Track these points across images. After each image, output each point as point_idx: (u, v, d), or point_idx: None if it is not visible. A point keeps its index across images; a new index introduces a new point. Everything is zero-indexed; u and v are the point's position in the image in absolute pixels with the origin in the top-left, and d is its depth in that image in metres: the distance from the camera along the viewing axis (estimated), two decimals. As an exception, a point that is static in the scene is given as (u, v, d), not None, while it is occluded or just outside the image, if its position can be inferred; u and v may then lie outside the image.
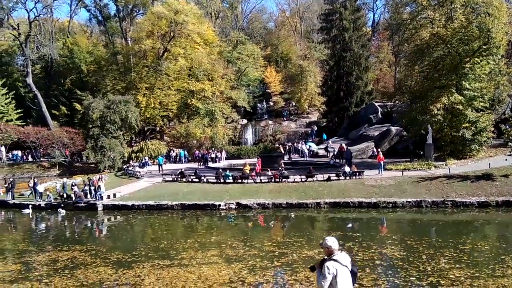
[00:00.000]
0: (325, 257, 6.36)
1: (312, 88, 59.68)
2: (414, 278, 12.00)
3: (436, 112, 31.60)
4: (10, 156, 59.77)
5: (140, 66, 55.23)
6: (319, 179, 28.05)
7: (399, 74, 59.39)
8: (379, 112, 48.63)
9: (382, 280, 11.95)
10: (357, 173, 28.31)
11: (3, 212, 28.71)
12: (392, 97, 50.01)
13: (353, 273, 6.33)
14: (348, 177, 27.96)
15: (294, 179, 28.57)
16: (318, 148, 47.19)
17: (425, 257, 14.03)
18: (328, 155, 42.24)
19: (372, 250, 15.06)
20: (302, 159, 43.83)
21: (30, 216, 26.31)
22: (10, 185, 30.83)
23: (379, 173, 29.05)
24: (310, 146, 47.42)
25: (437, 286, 11.41)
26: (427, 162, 30.45)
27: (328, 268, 6.06)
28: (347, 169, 28.81)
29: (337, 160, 37.91)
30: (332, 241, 6.31)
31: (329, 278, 6.04)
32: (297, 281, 12.08)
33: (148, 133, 58.02)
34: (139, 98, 51.29)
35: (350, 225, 20.52)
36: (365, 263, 13.62)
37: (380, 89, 64.10)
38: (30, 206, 27.56)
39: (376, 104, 50.84)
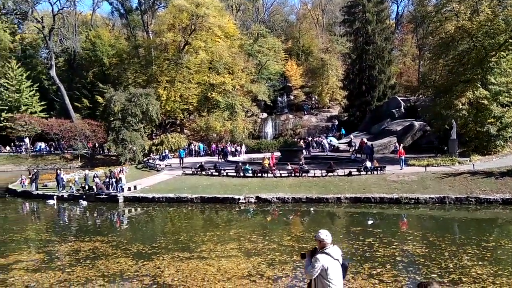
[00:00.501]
0: (317, 248, 6.38)
1: (333, 82, 59.16)
2: (436, 275, 11.75)
3: (460, 107, 30.90)
4: (34, 147, 60.89)
5: (161, 59, 55.54)
6: (339, 174, 27.75)
7: (423, 67, 58.28)
8: (402, 107, 47.86)
9: (402, 277, 11.74)
10: (379, 168, 27.92)
11: (27, 203, 29.25)
12: (415, 91, 49.14)
13: (344, 267, 6.39)
14: (369, 172, 27.60)
15: (314, 174, 28.34)
16: (339, 143, 46.77)
17: (447, 254, 13.73)
18: (350, 150, 41.85)
19: (393, 246, 14.82)
20: (322, 153, 43.50)
21: (55, 207, 26.73)
22: (34, 176, 31.43)
23: (400, 168, 28.66)
24: (331, 141, 47.04)
25: (459, 283, 11.14)
26: (451, 158, 29.80)
27: (318, 260, 6.09)
28: (368, 164, 28.43)
29: (359, 155, 37.50)
30: (325, 234, 6.31)
31: (317, 269, 6.07)
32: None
33: (168, 126, 58.41)
34: (160, 91, 51.64)
35: (371, 220, 20.25)
36: (386, 259, 13.40)
37: (403, 83, 63.07)
38: (55, 196, 28.02)
39: (399, 98, 50.03)
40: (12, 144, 62.00)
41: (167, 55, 55.58)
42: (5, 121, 61.66)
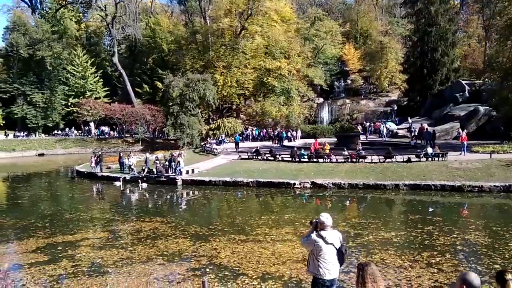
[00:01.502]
0: (318, 227, 6.70)
1: (393, 66, 57.36)
2: (498, 266, 11.21)
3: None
4: (99, 131, 63.93)
5: (218, 44, 56.09)
6: (398, 160, 27.02)
7: (489, 50, 55.10)
8: (466, 91, 45.63)
9: (463, 266, 11.31)
10: (440, 155, 26.90)
11: (92, 184, 30.82)
12: (481, 74, 46.70)
13: (340, 252, 6.53)
14: (430, 159, 26.66)
15: (371, 160, 27.77)
16: (398, 128, 45.44)
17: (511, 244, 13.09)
18: (409, 136, 40.59)
19: (454, 235, 14.29)
20: (380, 139, 42.50)
21: (121, 189, 27.96)
22: (98, 158, 33.03)
23: (461, 153, 27.50)
24: (389, 126, 45.80)
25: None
26: (518, 145, 28.23)
27: (310, 238, 6.56)
28: (429, 150, 27.44)
29: (418, 141, 36.29)
30: (325, 217, 6.62)
31: (309, 244, 6.58)
32: (372, 263, 11.76)
33: (224, 111, 59.16)
34: (217, 77, 52.29)
35: (431, 208, 19.61)
36: (446, 248, 12.96)
37: (467, 66, 60.03)
38: (121, 178, 29.30)
39: (463, 82, 47.71)
40: (78, 128, 65.53)
41: (223, 40, 56.04)
42: (72, 106, 65.24)
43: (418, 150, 28.60)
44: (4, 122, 64.29)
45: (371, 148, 33.67)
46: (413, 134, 39.91)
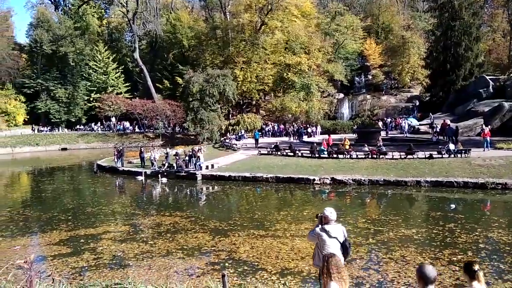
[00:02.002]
0: (322, 221, 6.85)
1: (415, 61, 56.51)
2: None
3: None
4: (120, 126, 64.74)
5: (238, 40, 56.09)
6: (420, 157, 26.64)
7: (514, 44, 53.84)
8: (491, 86, 44.61)
9: (485, 264, 11.11)
10: (463, 151, 26.42)
11: (114, 178, 31.25)
12: (505, 69, 45.68)
13: (344, 246, 6.63)
14: (452, 155, 26.22)
15: (392, 156, 27.46)
16: (419, 124, 44.80)
17: (537, 244, 12.80)
18: (431, 132, 40.01)
19: (476, 233, 14.05)
20: (401, 135, 41.97)
21: (143, 183, 28.28)
22: (120, 153, 33.46)
23: (484, 150, 27.01)
24: (410, 122, 45.18)
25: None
26: (545, 142, 27.53)
27: (314, 231, 6.76)
28: (451, 146, 26.98)
29: (441, 137, 35.73)
30: (329, 212, 6.75)
31: (313, 238, 6.78)
32: (392, 260, 11.69)
33: (244, 106, 59.24)
34: (236, 72, 52.34)
35: (452, 205, 19.30)
36: (468, 245, 12.77)
37: (492, 61, 58.69)
38: (143, 173, 29.63)
39: (487, 77, 46.65)
40: (100, 123, 66.52)
41: (243, 36, 56.03)
42: (94, 101, 66.22)
43: (440, 147, 28.14)
44: (28, 117, 65.64)
45: (392, 144, 33.26)
46: (435, 130, 39.27)
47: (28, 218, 18.84)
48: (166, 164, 29.77)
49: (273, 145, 33.70)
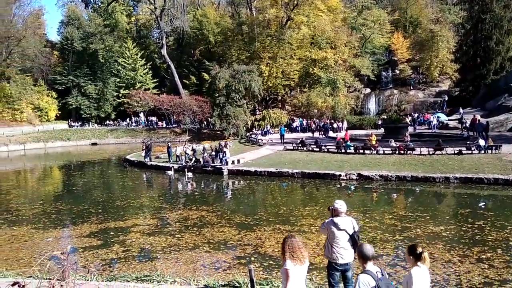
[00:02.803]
0: (332, 214, 7.04)
1: (444, 55, 55.35)
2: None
3: None
4: (148, 122, 65.76)
5: (264, 35, 56.09)
6: (448, 152, 26.20)
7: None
8: (523, 80, 43.39)
9: (517, 263, 10.92)
10: (493, 147, 25.84)
11: (141, 172, 31.83)
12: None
13: (353, 239, 6.72)
14: (482, 151, 25.68)
15: (420, 152, 27.10)
16: (448, 119, 43.94)
17: None
18: (460, 127, 39.21)
19: (507, 231, 13.75)
20: (429, 130, 41.28)
21: (172, 177, 28.70)
22: (147, 148, 34.02)
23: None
24: (439, 117, 44.36)
25: None
26: None
27: (325, 223, 6.99)
28: (481, 142, 26.42)
29: (471, 133, 34.99)
30: (339, 204, 6.92)
31: (324, 230, 7.02)
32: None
33: (270, 102, 59.27)
34: (262, 68, 52.40)
35: (482, 202, 18.94)
36: (498, 243, 12.52)
37: (524, 54, 56.93)
38: (173, 168, 30.08)
39: (519, 71, 45.39)
40: (128, 118, 67.75)
41: (269, 31, 55.99)
42: (123, 97, 67.45)
43: (470, 142, 27.59)
44: (60, 112, 67.38)
45: (420, 140, 32.79)
46: (464, 125, 38.48)
47: (60, 211, 19.43)
48: (193, 159, 30.12)
49: (298, 141, 33.68)
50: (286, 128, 44.77)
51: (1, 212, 19.35)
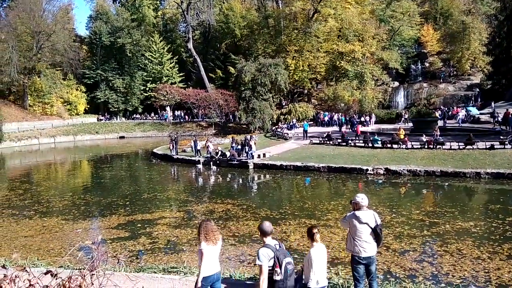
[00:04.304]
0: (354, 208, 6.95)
1: (475, 47, 53.86)
2: None
3: None
4: (174, 115, 66.33)
5: (290, 28, 55.68)
6: (480, 147, 25.54)
7: None
8: (559, 73, 41.89)
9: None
10: (527, 142, 25.07)
11: (168, 166, 32.17)
12: None
13: (375, 232, 6.66)
14: (515, 146, 24.94)
15: (450, 146, 26.51)
16: (480, 113, 42.81)
17: None
18: (492, 121, 38.15)
19: (540, 228, 13.35)
20: (460, 124, 40.32)
21: (201, 171, 28.93)
22: (174, 141, 34.35)
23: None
24: (470, 111, 43.26)
25: None
26: None
27: (346, 217, 6.93)
28: (514, 137, 25.67)
29: (503, 127, 34.00)
30: (361, 198, 6.78)
31: (345, 224, 6.98)
32: (447, 252, 11.35)
33: (296, 95, 58.93)
34: (288, 61, 52.07)
35: (514, 199, 18.40)
36: (530, 240, 12.18)
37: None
38: (201, 161, 30.31)
39: (555, 63, 43.82)
40: (154, 112, 68.57)
41: (296, 24, 55.55)
42: (150, 91, 68.22)
43: (502, 137, 26.81)
44: (89, 106, 68.69)
45: (450, 134, 32.06)
46: (496, 119, 37.42)
47: (89, 203, 19.85)
48: (220, 153, 30.27)
49: (325, 134, 33.41)
50: (311, 122, 44.42)
51: (33, 203, 19.92)
